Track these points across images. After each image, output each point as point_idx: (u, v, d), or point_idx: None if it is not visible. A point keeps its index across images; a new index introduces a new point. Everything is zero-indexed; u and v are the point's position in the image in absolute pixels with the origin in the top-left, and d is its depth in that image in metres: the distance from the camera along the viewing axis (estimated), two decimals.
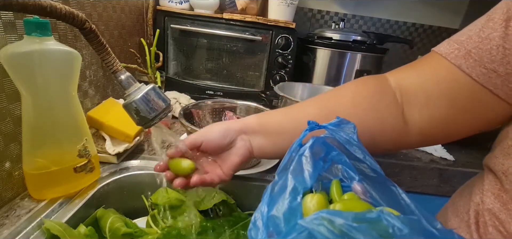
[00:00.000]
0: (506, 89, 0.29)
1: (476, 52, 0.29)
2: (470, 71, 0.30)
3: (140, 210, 0.57)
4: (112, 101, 0.65)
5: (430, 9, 1.27)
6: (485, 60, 0.29)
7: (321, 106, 0.38)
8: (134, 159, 0.59)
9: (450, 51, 0.32)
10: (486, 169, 0.34)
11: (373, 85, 0.37)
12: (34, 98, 0.40)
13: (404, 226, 0.20)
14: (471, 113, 0.32)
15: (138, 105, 0.34)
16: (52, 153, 0.43)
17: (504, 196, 0.30)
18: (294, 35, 0.92)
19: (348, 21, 1.28)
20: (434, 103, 0.33)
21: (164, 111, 0.35)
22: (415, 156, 0.84)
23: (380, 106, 0.36)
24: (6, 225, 0.39)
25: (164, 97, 0.35)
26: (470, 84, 0.30)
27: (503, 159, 0.30)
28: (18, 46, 0.38)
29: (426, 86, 0.34)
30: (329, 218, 0.21)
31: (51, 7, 0.29)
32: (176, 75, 1.00)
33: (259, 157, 0.55)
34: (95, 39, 0.34)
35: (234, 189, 0.57)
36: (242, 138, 0.40)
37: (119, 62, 0.35)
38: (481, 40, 0.29)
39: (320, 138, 0.31)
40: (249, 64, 0.98)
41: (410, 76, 0.36)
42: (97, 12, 0.63)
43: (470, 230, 0.33)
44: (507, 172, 0.29)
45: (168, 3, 0.91)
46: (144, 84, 0.35)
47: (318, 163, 0.32)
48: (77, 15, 0.31)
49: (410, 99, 0.35)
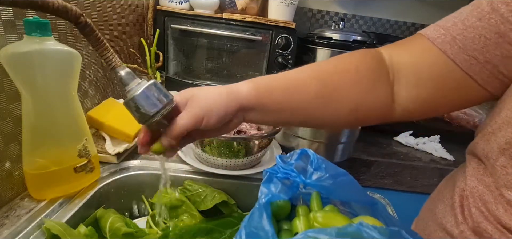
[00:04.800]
0: (483, 76, 0.31)
1: (460, 39, 0.31)
2: (454, 57, 0.32)
3: (140, 210, 0.57)
4: (112, 101, 0.65)
5: (430, 9, 1.27)
6: (468, 48, 0.31)
7: (324, 82, 0.37)
8: (134, 159, 0.59)
9: (436, 36, 0.33)
10: (470, 156, 0.36)
11: (373, 63, 0.38)
12: (34, 98, 0.40)
13: (382, 236, 0.22)
14: (452, 96, 0.34)
15: (138, 101, 0.32)
16: (52, 153, 0.43)
17: (486, 179, 0.32)
18: (294, 35, 0.92)
19: (348, 21, 1.28)
20: (423, 84, 0.35)
21: (166, 107, 0.33)
22: (415, 156, 0.84)
23: (378, 85, 0.37)
24: (6, 225, 0.39)
25: (165, 93, 0.33)
26: (454, 69, 0.32)
27: (484, 144, 0.32)
28: (18, 46, 0.38)
29: (417, 68, 0.35)
30: (315, 236, 0.23)
31: (43, 1, 0.27)
32: (176, 75, 1.00)
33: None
34: (91, 34, 0.32)
35: (234, 189, 0.57)
36: (237, 115, 0.37)
37: (118, 58, 0.34)
38: (466, 27, 0.31)
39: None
40: (249, 64, 0.98)
41: (402, 54, 0.37)
42: (97, 12, 0.63)
43: (454, 213, 0.35)
44: (487, 156, 0.32)
45: (168, 3, 0.91)
46: (145, 80, 0.34)
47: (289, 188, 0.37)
48: (71, 9, 0.29)
49: (400, 78, 0.37)
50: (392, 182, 0.80)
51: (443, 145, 0.88)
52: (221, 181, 0.57)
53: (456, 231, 0.34)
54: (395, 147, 0.89)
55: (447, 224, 0.35)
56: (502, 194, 0.29)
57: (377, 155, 0.81)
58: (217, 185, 0.56)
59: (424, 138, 0.92)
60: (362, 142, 0.86)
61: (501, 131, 0.30)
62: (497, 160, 0.30)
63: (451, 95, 0.34)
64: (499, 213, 0.29)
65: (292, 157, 0.39)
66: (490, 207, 0.30)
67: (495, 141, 0.30)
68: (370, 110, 0.38)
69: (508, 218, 0.28)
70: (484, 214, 0.31)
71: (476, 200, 0.32)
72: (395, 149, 0.88)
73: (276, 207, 0.36)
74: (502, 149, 0.29)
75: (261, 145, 0.58)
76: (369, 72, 0.37)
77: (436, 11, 1.28)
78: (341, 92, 0.36)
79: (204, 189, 0.53)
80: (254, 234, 0.28)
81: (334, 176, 0.35)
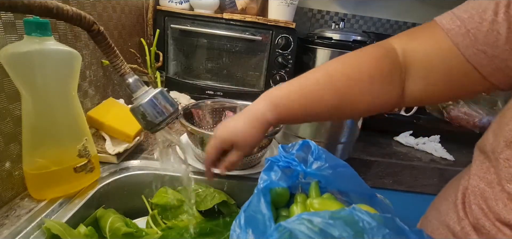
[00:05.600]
0: (489, 69, 0.31)
1: (474, 33, 0.31)
2: (464, 50, 0.32)
3: (140, 210, 0.57)
4: (112, 101, 0.65)
5: (430, 9, 1.27)
6: (479, 42, 0.31)
7: (339, 94, 0.38)
8: (134, 159, 0.59)
9: (451, 27, 0.33)
10: (477, 151, 0.36)
11: (387, 66, 0.38)
12: (34, 98, 0.40)
13: (372, 220, 0.23)
14: (458, 87, 0.35)
15: (145, 109, 0.33)
16: (52, 153, 0.43)
17: (489, 177, 0.32)
18: (294, 35, 0.92)
19: (348, 21, 1.28)
20: (433, 77, 0.35)
21: (171, 116, 0.34)
22: (415, 156, 0.84)
23: (390, 89, 0.38)
24: (6, 225, 0.39)
25: (172, 101, 0.35)
26: (462, 62, 0.32)
27: (493, 139, 0.33)
28: (18, 46, 0.38)
29: (429, 60, 0.35)
30: (309, 218, 0.24)
31: (58, 8, 0.28)
32: (176, 75, 1.00)
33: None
34: (103, 42, 0.33)
35: (234, 189, 0.57)
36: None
37: (127, 65, 0.34)
38: (481, 21, 0.31)
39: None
40: (249, 64, 0.98)
41: (415, 48, 0.37)
42: (97, 12, 0.63)
43: (456, 209, 0.35)
44: (494, 150, 0.32)
45: (168, 3, 0.91)
46: (152, 88, 0.34)
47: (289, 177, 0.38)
48: (84, 17, 0.30)
49: (411, 73, 0.37)
50: (392, 182, 0.80)
51: (443, 145, 0.88)
52: (221, 181, 0.57)
53: (458, 227, 0.34)
54: (395, 147, 0.89)
55: (450, 221, 0.36)
56: (503, 188, 0.30)
57: (377, 155, 0.81)
58: (217, 185, 0.56)
59: (424, 138, 0.92)
60: (362, 142, 0.86)
61: (508, 125, 0.30)
62: (501, 153, 0.30)
63: (457, 87, 0.35)
64: (499, 209, 0.30)
65: (293, 147, 0.40)
66: (490, 204, 0.31)
67: (502, 135, 0.31)
68: (380, 108, 0.40)
69: (507, 213, 0.29)
70: (483, 210, 0.31)
71: (477, 197, 0.33)
72: (395, 149, 0.88)
73: (275, 194, 0.36)
74: (508, 142, 0.30)
75: (261, 145, 0.58)
76: (382, 78, 0.38)
77: (436, 11, 1.27)
78: (354, 101, 0.38)
79: (204, 189, 0.53)
80: (252, 217, 0.29)
81: (333, 166, 0.36)
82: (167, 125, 0.34)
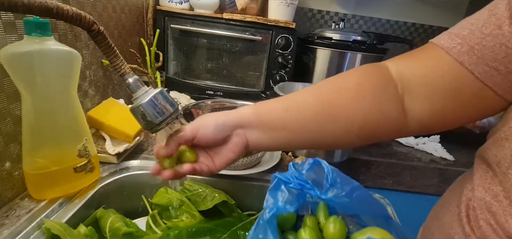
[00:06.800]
0: (504, 87, 0.29)
1: (479, 49, 0.29)
2: (473, 68, 0.30)
3: (140, 210, 0.57)
4: (112, 101, 0.65)
5: (430, 9, 1.27)
6: (487, 58, 0.29)
7: (323, 101, 0.37)
8: (134, 159, 0.59)
9: (452, 45, 0.31)
10: (479, 160, 0.35)
11: (376, 78, 0.37)
12: (34, 98, 0.40)
13: None
14: (469, 107, 0.33)
15: (145, 109, 0.33)
16: (52, 153, 0.43)
17: (494, 188, 0.30)
18: (294, 35, 0.92)
19: (348, 21, 1.28)
20: (438, 96, 0.33)
21: (171, 116, 0.34)
22: (415, 156, 0.84)
23: (383, 100, 0.36)
24: (6, 225, 0.39)
25: (172, 102, 0.34)
26: (472, 80, 0.30)
27: (496, 150, 0.31)
28: (18, 46, 0.38)
29: (430, 79, 0.34)
30: None
31: (58, 8, 0.27)
32: (176, 75, 1.00)
33: (254, 150, 0.55)
34: (103, 42, 0.32)
35: (234, 189, 0.57)
36: (238, 133, 0.38)
37: (127, 65, 0.34)
38: (484, 36, 0.29)
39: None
40: (249, 64, 0.98)
41: (411, 66, 0.36)
42: (97, 12, 0.63)
43: (461, 223, 0.33)
44: (499, 163, 0.30)
45: (168, 3, 0.91)
46: (152, 88, 0.34)
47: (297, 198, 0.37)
48: (84, 17, 0.30)
49: (412, 91, 0.35)
50: (392, 182, 0.80)
51: (443, 145, 0.88)
52: (221, 181, 0.57)
53: None
54: (395, 147, 0.89)
55: (455, 235, 0.34)
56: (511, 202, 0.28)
57: (377, 155, 0.81)
58: (217, 185, 0.56)
59: (424, 138, 0.92)
60: None
61: None
62: (510, 167, 0.28)
63: (468, 107, 0.33)
64: (509, 225, 0.28)
65: (303, 165, 0.38)
66: (499, 219, 0.29)
67: (509, 147, 0.29)
68: (378, 126, 0.36)
69: None
70: (492, 226, 0.29)
71: (484, 211, 0.31)
72: (395, 149, 0.88)
73: (281, 218, 0.35)
74: None
75: None
76: (371, 86, 0.36)
77: (436, 11, 1.28)
78: (342, 110, 0.36)
79: (204, 189, 0.53)
80: None
81: (350, 192, 0.35)
82: (167, 125, 0.34)
